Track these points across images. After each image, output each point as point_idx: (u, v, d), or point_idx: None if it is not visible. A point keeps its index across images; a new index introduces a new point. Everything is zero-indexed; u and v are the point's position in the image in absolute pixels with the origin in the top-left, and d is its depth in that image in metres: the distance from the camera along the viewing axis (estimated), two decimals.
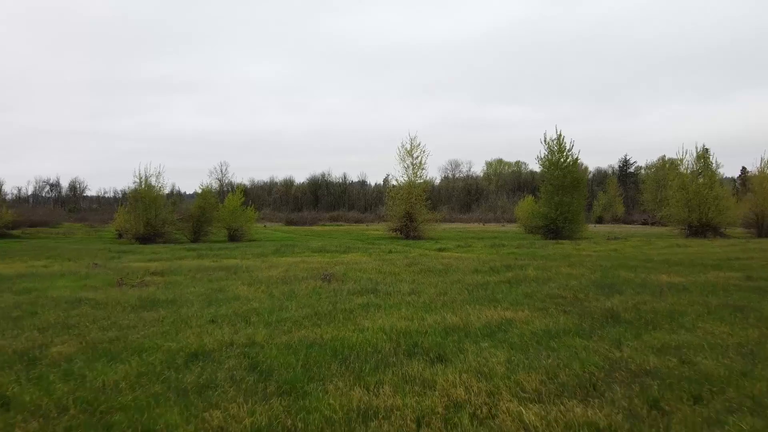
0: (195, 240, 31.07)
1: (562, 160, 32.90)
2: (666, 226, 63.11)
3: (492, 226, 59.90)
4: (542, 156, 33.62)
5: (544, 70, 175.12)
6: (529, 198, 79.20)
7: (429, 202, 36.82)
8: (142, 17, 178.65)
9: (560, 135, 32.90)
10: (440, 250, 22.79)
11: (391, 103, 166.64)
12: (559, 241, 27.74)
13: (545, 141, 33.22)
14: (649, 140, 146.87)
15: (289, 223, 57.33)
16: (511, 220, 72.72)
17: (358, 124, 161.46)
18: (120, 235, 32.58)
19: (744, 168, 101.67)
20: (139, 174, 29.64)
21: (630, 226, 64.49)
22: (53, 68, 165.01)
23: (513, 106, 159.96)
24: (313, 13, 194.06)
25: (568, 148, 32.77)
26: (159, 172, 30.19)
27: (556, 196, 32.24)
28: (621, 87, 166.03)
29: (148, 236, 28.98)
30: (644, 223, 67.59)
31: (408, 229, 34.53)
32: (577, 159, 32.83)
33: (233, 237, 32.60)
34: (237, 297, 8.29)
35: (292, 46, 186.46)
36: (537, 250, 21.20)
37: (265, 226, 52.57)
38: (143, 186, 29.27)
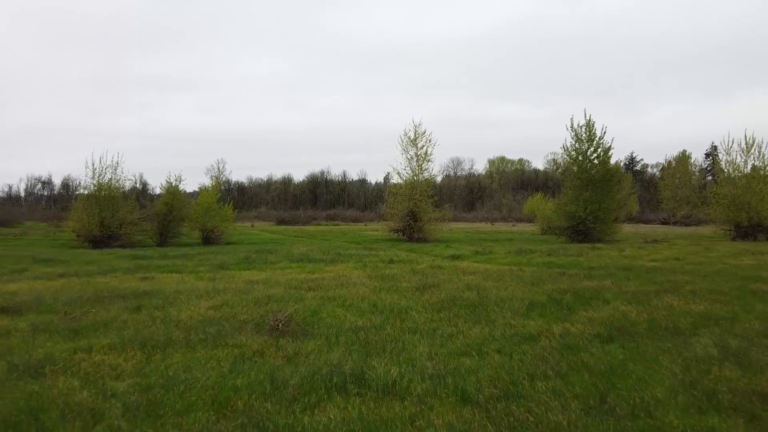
0: (161, 243, 26.32)
1: (591, 150, 28.14)
2: (689, 226, 58.44)
3: (501, 226, 55.12)
4: (568, 145, 28.86)
5: (546, 68, 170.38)
6: (539, 195, 74.82)
7: (435, 199, 32.08)
8: (141, 14, 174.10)
9: (590, 121, 28.14)
10: (455, 258, 18.06)
11: (392, 101, 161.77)
12: (596, 245, 22.95)
13: (572, 128, 28.45)
14: (652, 138, 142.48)
15: (281, 222, 52.29)
16: (519, 219, 67.97)
17: (359, 123, 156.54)
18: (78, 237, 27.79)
19: (754, 166, 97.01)
20: (92, 165, 24.87)
21: (649, 225, 59.69)
22: (50, 66, 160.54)
23: (515, 104, 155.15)
24: (313, 9, 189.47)
25: (599, 136, 28.01)
26: (117, 163, 25.38)
27: (585, 191, 27.47)
28: (624, 85, 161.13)
29: (103, 239, 24.25)
30: (664, 223, 62.68)
31: (411, 230, 29.76)
32: (609, 148, 28.04)
33: (208, 239, 27.85)
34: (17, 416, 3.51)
35: (293, 43, 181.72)
36: (578, 259, 16.48)
37: (252, 225, 47.70)
38: (96, 180, 24.48)
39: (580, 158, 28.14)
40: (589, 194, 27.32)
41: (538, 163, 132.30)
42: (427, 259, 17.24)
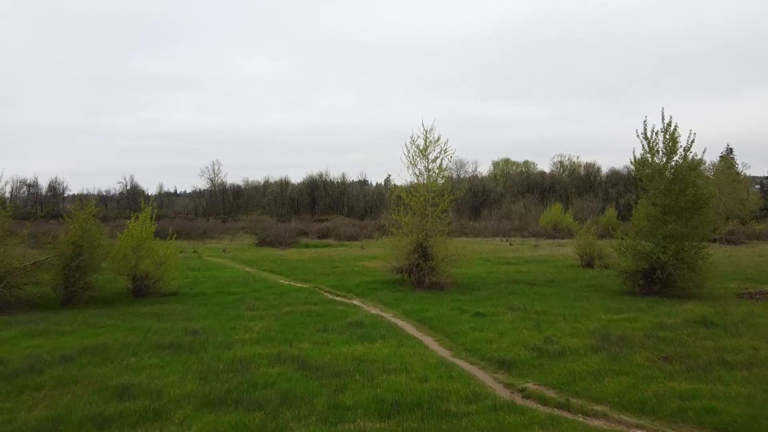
0: (67, 300, 18.33)
1: (672, 164, 20.21)
2: (735, 244, 50.20)
3: (521, 245, 46.94)
4: (638, 157, 20.91)
5: (551, 67, 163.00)
6: (557, 206, 66.57)
7: (451, 226, 24.18)
8: (139, 12, 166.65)
9: (670, 124, 20.16)
10: (506, 367, 10.13)
11: (393, 100, 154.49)
12: (705, 317, 14.84)
13: (644, 134, 20.48)
14: None
15: (262, 243, 44.30)
16: (538, 233, 59.90)
17: (360, 122, 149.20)
18: None
19: None
20: None
21: None
22: (48, 65, 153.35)
23: (519, 104, 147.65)
24: (313, 6, 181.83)
25: (684, 145, 20.04)
26: None
27: (667, 224, 19.54)
28: (629, 84, 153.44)
29: None
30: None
31: (421, 272, 21.86)
32: (699, 162, 20.08)
33: (139, 290, 19.93)
34: None
35: (293, 41, 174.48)
36: (740, 392, 8.54)
37: (224, 250, 39.60)
38: None
39: (657, 177, 20.17)
40: (672, 227, 19.39)
41: (544, 165, 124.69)
42: (461, 385, 9.23)
